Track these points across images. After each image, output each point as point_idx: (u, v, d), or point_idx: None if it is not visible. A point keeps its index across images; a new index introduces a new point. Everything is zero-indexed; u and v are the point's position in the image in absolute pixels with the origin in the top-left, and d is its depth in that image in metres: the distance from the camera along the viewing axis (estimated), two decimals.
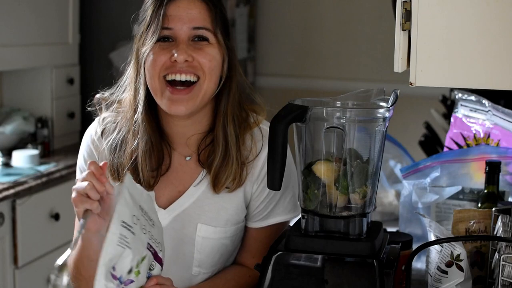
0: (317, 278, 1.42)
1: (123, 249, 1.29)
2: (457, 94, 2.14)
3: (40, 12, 3.23)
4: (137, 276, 1.34)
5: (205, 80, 1.54)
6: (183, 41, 1.53)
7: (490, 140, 1.96)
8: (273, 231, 1.66)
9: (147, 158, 1.58)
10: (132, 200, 1.34)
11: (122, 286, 1.33)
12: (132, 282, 1.34)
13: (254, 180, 1.62)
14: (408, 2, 1.25)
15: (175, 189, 1.63)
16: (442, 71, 1.26)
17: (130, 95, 1.60)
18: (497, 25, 1.23)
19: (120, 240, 1.29)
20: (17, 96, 3.39)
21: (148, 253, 1.35)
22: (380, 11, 4.20)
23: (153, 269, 1.38)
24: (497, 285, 1.42)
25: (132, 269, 1.32)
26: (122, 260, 1.30)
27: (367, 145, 1.44)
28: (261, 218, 1.65)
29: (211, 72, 1.54)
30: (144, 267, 1.35)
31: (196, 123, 1.61)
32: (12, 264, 2.75)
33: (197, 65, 1.53)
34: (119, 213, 1.29)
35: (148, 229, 1.36)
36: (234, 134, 1.59)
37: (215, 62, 1.55)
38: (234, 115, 1.59)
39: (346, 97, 1.53)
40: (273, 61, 4.60)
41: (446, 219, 1.83)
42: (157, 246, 1.38)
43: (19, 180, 2.80)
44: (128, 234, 1.30)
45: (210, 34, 1.55)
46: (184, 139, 1.62)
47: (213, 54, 1.55)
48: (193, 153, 1.63)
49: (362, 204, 1.44)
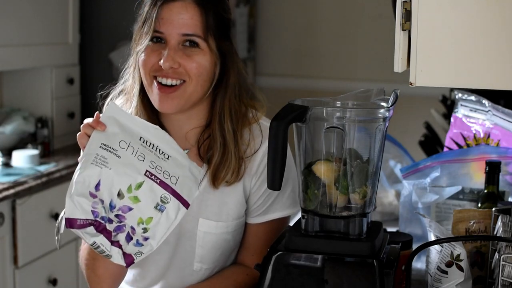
0: (317, 278, 1.42)
1: (100, 168, 1.33)
2: (457, 94, 2.14)
3: (40, 12, 3.23)
4: (136, 203, 1.35)
5: (191, 84, 1.56)
6: (172, 46, 1.55)
7: (490, 140, 1.96)
8: (272, 228, 1.67)
9: None
10: (122, 128, 1.38)
11: (119, 213, 1.34)
12: (131, 209, 1.35)
13: (252, 174, 1.63)
14: (408, 2, 1.25)
15: None
16: (442, 71, 1.26)
17: (130, 83, 1.64)
18: (497, 25, 1.23)
19: (95, 159, 1.32)
20: (17, 96, 3.39)
21: (147, 180, 1.35)
22: (380, 11, 4.20)
23: (168, 202, 1.38)
24: (497, 285, 1.42)
25: (122, 193, 1.34)
26: (104, 181, 1.33)
27: (367, 145, 1.44)
28: (260, 213, 1.66)
29: (197, 78, 1.56)
30: (144, 195, 1.35)
31: (192, 118, 1.63)
32: (12, 264, 2.75)
33: (182, 71, 1.55)
34: (95, 137, 1.35)
35: (150, 159, 1.37)
36: (232, 130, 1.60)
37: (202, 68, 1.57)
38: (231, 110, 1.61)
39: (346, 97, 1.53)
40: (273, 61, 4.60)
41: (446, 219, 1.83)
42: (171, 180, 1.38)
43: (19, 180, 2.80)
44: (108, 156, 1.34)
45: (201, 41, 1.56)
46: (181, 133, 1.64)
47: (201, 61, 1.56)
48: (192, 147, 1.65)
49: (362, 204, 1.44)
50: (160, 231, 1.37)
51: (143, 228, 1.36)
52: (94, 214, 1.34)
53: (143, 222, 1.36)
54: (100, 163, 1.33)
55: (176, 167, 1.40)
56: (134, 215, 1.35)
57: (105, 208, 1.35)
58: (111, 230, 1.35)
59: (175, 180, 1.39)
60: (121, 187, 1.34)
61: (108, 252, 1.36)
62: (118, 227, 1.35)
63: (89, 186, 1.33)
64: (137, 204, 1.35)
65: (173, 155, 1.41)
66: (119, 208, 1.34)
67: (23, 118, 3.24)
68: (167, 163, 1.39)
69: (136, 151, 1.37)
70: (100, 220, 1.34)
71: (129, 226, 1.35)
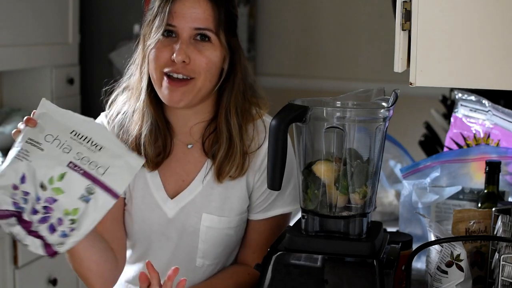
0: (317, 278, 1.42)
1: (21, 161, 1.37)
2: (457, 94, 2.14)
3: (40, 12, 3.23)
4: (60, 194, 1.36)
5: (200, 79, 1.57)
6: (184, 40, 1.56)
7: (490, 140, 1.96)
8: (274, 225, 1.68)
9: (152, 140, 1.62)
10: (54, 123, 1.42)
11: (46, 204, 1.36)
12: (56, 201, 1.36)
13: (256, 169, 1.64)
14: (408, 2, 1.25)
15: (180, 179, 1.66)
16: (442, 71, 1.26)
17: (137, 78, 1.64)
18: (497, 25, 1.23)
19: (18, 153, 1.38)
20: (17, 96, 3.39)
21: (69, 171, 1.36)
22: (380, 11, 4.19)
23: (93, 193, 1.38)
24: (497, 285, 1.42)
25: (45, 185, 1.36)
26: (28, 174, 1.36)
27: (367, 145, 1.44)
28: (262, 209, 1.67)
29: (206, 73, 1.57)
30: (67, 186, 1.37)
31: (198, 113, 1.64)
32: (12, 264, 2.75)
33: (193, 68, 1.56)
34: (24, 133, 1.40)
35: (77, 150, 1.39)
36: (237, 124, 1.62)
37: (212, 63, 1.58)
38: (237, 106, 1.63)
39: (346, 97, 1.53)
40: (273, 61, 4.60)
41: (446, 219, 1.83)
42: (98, 171, 1.39)
43: None
44: (31, 149, 1.38)
45: (212, 35, 1.58)
46: (186, 127, 1.65)
47: (211, 56, 1.58)
48: (196, 142, 1.66)
49: (362, 204, 1.44)
50: (86, 222, 1.38)
51: (71, 219, 1.37)
52: (15, 205, 1.37)
53: (69, 213, 1.37)
54: (22, 156, 1.37)
55: (108, 157, 1.40)
56: (60, 206, 1.36)
57: (29, 200, 1.37)
58: (31, 221, 1.37)
59: (102, 170, 1.39)
60: (43, 179, 1.36)
61: (25, 242, 1.38)
62: (43, 218, 1.37)
63: (11, 179, 1.36)
64: (61, 195, 1.36)
65: (107, 146, 1.41)
66: (45, 200, 1.37)
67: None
68: (97, 154, 1.40)
69: (63, 144, 1.39)
70: (20, 210, 1.37)
71: (56, 218, 1.37)
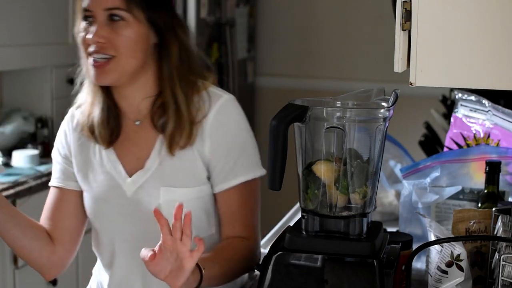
0: (317, 278, 1.42)
1: None
2: (457, 94, 2.14)
3: (39, 12, 3.23)
4: None
5: (122, 57, 1.60)
6: (100, 22, 1.60)
7: (490, 140, 1.96)
8: (242, 194, 1.67)
9: (104, 121, 1.68)
10: None
11: None
12: None
13: (204, 137, 1.65)
14: (408, 2, 1.25)
15: (134, 156, 1.68)
16: (442, 71, 1.26)
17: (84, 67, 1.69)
18: (497, 25, 1.23)
19: None
20: (17, 96, 3.39)
21: None
22: (380, 11, 4.20)
23: None
24: (497, 285, 1.42)
25: None
26: None
27: (367, 145, 1.44)
28: (222, 178, 1.66)
29: (126, 51, 1.60)
30: None
31: (141, 89, 1.67)
32: (12, 264, 2.75)
33: (110, 46, 1.59)
34: None
35: None
36: (183, 95, 1.64)
37: (130, 41, 1.60)
38: (181, 77, 1.65)
39: (346, 97, 1.53)
40: (273, 61, 4.61)
41: (446, 219, 1.83)
42: None
43: (19, 180, 2.80)
44: None
45: (124, 13, 1.60)
46: (134, 105, 1.68)
47: (128, 34, 1.60)
48: (144, 118, 1.68)
49: (362, 204, 1.44)
50: None
51: None
52: None
53: None
54: None
55: None
56: None
57: None
58: None
59: None
60: None
61: None
62: None
63: None
64: None
65: None
66: None
67: (23, 118, 3.24)
68: None
69: None
70: None
71: None
